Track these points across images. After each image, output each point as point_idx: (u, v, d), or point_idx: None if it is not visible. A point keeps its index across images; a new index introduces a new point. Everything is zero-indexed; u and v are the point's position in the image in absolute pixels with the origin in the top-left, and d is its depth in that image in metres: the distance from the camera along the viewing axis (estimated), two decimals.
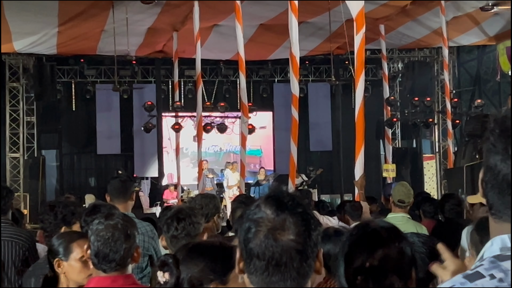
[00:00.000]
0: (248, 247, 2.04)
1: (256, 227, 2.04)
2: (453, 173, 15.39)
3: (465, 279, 1.64)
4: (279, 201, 2.06)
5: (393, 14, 18.48)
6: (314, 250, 2.06)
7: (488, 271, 1.63)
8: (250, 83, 24.88)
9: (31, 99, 24.09)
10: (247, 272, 2.06)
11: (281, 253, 2.00)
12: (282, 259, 2.00)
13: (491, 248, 1.71)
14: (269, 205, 2.06)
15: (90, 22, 17.98)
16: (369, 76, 24.93)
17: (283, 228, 2.01)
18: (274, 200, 2.07)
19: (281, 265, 2.00)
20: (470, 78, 25.22)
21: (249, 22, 17.03)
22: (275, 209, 2.04)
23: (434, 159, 25.06)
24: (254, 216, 2.06)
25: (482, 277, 1.62)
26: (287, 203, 2.06)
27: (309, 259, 2.03)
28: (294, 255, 2.00)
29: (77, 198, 8.19)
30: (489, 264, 1.65)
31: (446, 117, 20.08)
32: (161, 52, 22.04)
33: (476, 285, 1.61)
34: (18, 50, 20.10)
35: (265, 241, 2.01)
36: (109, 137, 25.30)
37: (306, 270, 2.03)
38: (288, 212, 2.03)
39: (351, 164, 11.16)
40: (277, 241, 2.00)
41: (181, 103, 21.65)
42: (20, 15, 16.44)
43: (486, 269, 1.64)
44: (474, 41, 21.86)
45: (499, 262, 1.64)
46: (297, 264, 2.01)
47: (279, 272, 2.01)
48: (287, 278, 2.01)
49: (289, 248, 2.00)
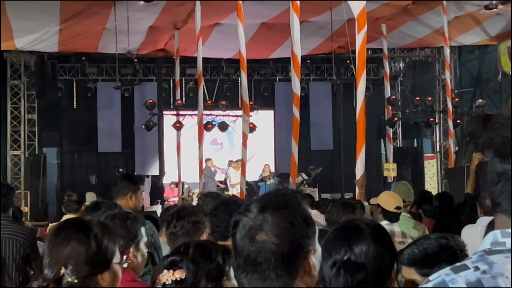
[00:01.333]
0: (232, 242, 2.09)
1: (238, 226, 2.07)
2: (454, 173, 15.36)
3: (451, 271, 1.68)
4: (265, 201, 2.07)
5: (395, 13, 18.47)
6: (300, 251, 2.03)
7: (474, 264, 1.66)
8: (252, 81, 24.85)
9: (32, 96, 24.08)
10: (233, 267, 2.09)
11: (256, 253, 2.01)
12: (258, 259, 2.01)
13: (483, 243, 1.74)
14: (255, 204, 2.07)
15: (92, 20, 17.98)
16: (371, 76, 24.95)
17: (261, 229, 2.02)
18: (262, 199, 2.09)
19: (257, 264, 2.01)
20: (472, 78, 25.21)
21: (251, 20, 17.03)
22: (258, 209, 2.05)
23: (435, 159, 25.05)
24: (239, 215, 2.09)
25: (467, 269, 1.66)
26: (272, 203, 2.06)
27: (292, 260, 2.02)
28: (270, 256, 2.00)
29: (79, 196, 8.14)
30: (477, 258, 1.69)
31: (447, 116, 20.07)
32: (162, 50, 22.06)
33: (459, 276, 1.64)
34: (20, 48, 20.11)
35: (242, 240, 2.04)
36: (110, 135, 25.30)
37: (289, 271, 2.02)
38: (270, 213, 2.03)
39: (352, 163, 11.15)
40: (253, 241, 2.02)
41: (182, 101, 21.65)
42: (21, 13, 16.44)
43: (473, 261, 1.68)
44: (476, 41, 21.84)
45: (486, 255, 1.68)
46: (275, 265, 2.00)
47: (256, 272, 2.02)
48: (266, 277, 2.01)
49: (266, 249, 2.00)
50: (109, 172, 25.23)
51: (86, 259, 2.57)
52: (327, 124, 26.08)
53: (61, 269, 2.54)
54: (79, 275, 2.55)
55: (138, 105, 24.50)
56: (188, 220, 4.39)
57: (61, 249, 2.58)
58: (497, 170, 1.71)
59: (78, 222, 2.74)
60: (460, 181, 12.84)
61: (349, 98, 23.20)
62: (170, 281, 2.78)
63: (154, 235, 5.97)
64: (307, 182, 22.93)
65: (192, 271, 2.80)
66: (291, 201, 2.08)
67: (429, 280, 1.71)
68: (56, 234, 2.65)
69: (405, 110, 24.30)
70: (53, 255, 2.58)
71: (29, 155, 23.91)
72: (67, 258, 2.56)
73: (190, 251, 2.90)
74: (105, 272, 2.63)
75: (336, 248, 2.48)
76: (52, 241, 2.63)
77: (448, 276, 1.66)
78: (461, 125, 21.71)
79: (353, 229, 2.53)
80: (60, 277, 2.53)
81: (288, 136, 14.33)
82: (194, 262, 2.83)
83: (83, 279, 2.56)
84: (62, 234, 2.64)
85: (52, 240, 2.63)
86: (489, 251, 1.69)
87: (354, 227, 2.54)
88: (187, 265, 2.81)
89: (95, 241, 2.61)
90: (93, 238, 2.62)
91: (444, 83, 21.87)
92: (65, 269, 2.54)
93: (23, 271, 5.42)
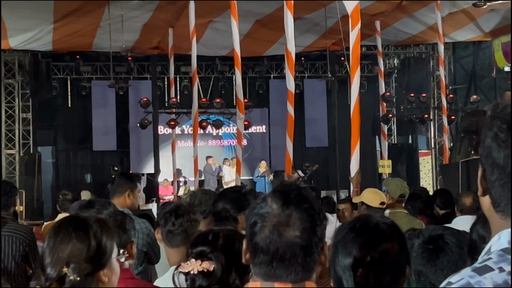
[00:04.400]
0: (254, 241, 2.09)
1: (262, 222, 2.08)
2: (449, 169, 15.41)
3: (474, 272, 1.63)
4: (286, 196, 2.10)
5: (389, 10, 18.49)
6: (319, 244, 2.10)
7: (497, 264, 1.62)
8: (246, 79, 24.85)
9: (26, 95, 24.04)
10: (252, 263, 2.10)
11: (286, 248, 2.04)
12: (286, 254, 2.04)
13: (498, 241, 1.69)
14: (275, 199, 2.09)
15: (86, 19, 17.97)
16: (365, 72, 24.97)
17: (288, 224, 2.05)
18: (281, 194, 2.11)
19: (285, 260, 2.04)
20: (466, 74, 25.26)
21: (245, 18, 17.02)
22: (281, 204, 2.08)
23: (430, 155, 25.08)
24: (260, 211, 2.10)
25: (491, 270, 1.61)
26: (293, 198, 2.09)
27: (313, 254, 2.08)
28: (298, 251, 2.05)
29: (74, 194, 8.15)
30: (497, 258, 1.64)
31: (441, 113, 20.13)
32: (156, 48, 22.05)
33: (485, 278, 1.60)
34: (14, 47, 20.08)
35: (270, 236, 2.05)
36: (105, 134, 25.29)
37: (310, 264, 2.08)
38: (294, 208, 2.07)
39: (347, 160, 11.15)
40: (282, 237, 2.04)
41: (177, 99, 21.65)
42: (15, 12, 16.43)
43: (495, 262, 1.63)
44: (470, 37, 21.88)
45: (507, 255, 1.63)
46: (301, 259, 2.05)
47: (283, 266, 2.05)
48: (291, 272, 2.05)
49: (294, 244, 2.04)
50: (104, 170, 25.24)
51: (88, 256, 2.57)
52: (321, 121, 26.09)
53: (64, 268, 2.54)
54: (81, 273, 2.54)
55: (132, 104, 24.50)
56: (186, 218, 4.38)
57: (62, 248, 2.58)
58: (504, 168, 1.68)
59: (77, 220, 2.73)
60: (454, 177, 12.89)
61: (343, 95, 23.16)
62: (196, 271, 2.70)
63: (150, 234, 5.96)
64: (303, 179, 22.95)
65: (222, 264, 2.71)
66: (308, 195, 2.13)
67: (450, 283, 1.66)
68: (56, 233, 2.64)
69: (399, 106, 24.33)
70: (55, 254, 2.58)
71: (24, 154, 23.86)
72: (69, 256, 2.55)
73: (219, 241, 2.81)
74: (105, 268, 2.63)
75: (355, 247, 2.45)
76: (52, 240, 2.62)
77: (473, 278, 1.61)
78: (455, 121, 21.73)
79: (373, 227, 2.51)
80: (62, 276, 2.53)
81: (283, 133, 14.34)
82: (224, 253, 2.75)
83: (85, 276, 2.56)
84: (62, 233, 2.63)
85: (52, 239, 2.62)
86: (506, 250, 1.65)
87: (373, 226, 2.52)
88: (217, 257, 2.73)
89: (95, 239, 2.61)
90: (93, 235, 2.62)
91: (439, 79, 21.90)
92: (67, 268, 2.53)
93: (22, 269, 5.43)
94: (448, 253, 3.13)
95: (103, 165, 25.68)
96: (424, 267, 3.12)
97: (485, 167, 1.72)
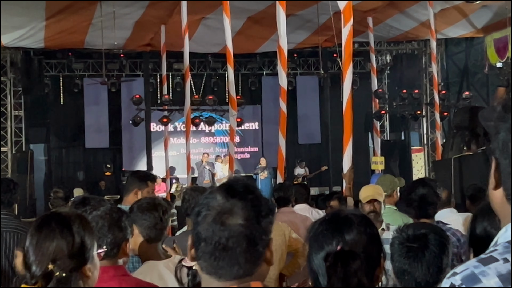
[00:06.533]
0: (197, 231, 2.06)
1: (206, 211, 2.05)
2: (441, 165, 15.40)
3: (479, 263, 1.66)
4: (230, 187, 2.08)
5: (381, 6, 18.51)
6: (264, 238, 2.05)
7: (502, 255, 1.65)
8: (239, 76, 24.86)
9: (18, 93, 24.00)
10: (197, 257, 2.07)
11: (228, 237, 2.00)
12: (229, 244, 2.00)
13: (505, 234, 1.72)
14: (220, 191, 2.07)
15: (77, 16, 17.93)
16: (357, 69, 24.96)
17: (231, 213, 2.02)
18: (226, 186, 2.09)
19: (228, 249, 2.00)
20: (458, 70, 25.30)
21: (237, 15, 17.02)
22: (225, 195, 2.05)
23: (423, 151, 25.14)
24: (205, 201, 2.08)
25: (496, 261, 1.64)
26: (238, 189, 2.07)
27: (257, 245, 2.03)
28: (241, 240, 2.00)
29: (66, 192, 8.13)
30: (503, 249, 1.67)
31: (434, 109, 20.15)
32: (149, 45, 22.02)
33: (489, 268, 1.63)
34: (6, 44, 20.00)
35: (212, 225, 2.02)
36: (97, 131, 25.24)
37: (254, 256, 2.03)
38: (238, 198, 2.04)
39: (340, 156, 11.14)
40: (225, 225, 2.01)
41: (169, 96, 21.63)
42: (7, 9, 16.36)
43: (500, 253, 1.66)
44: (462, 33, 21.92)
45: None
46: (245, 249, 2.01)
47: (226, 257, 2.01)
48: (234, 263, 2.01)
49: (237, 232, 2.00)
50: (97, 168, 25.25)
51: (72, 252, 2.58)
52: (314, 117, 26.11)
53: (49, 265, 2.53)
54: (67, 269, 2.55)
55: (125, 101, 24.48)
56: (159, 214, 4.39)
57: (46, 245, 2.58)
58: None
59: (59, 216, 2.72)
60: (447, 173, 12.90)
61: (336, 91, 23.19)
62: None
63: None
64: (308, 178, 23.16)
65: None
66: (253, 189, 2.10)
67: (455, 273, 1.69)
68: (38, 230, 2.64)
69: (392, 103, 24.38)
70: (39, 251, 2.57)
71: (16, 152, 23.82)
72: (54, 253, 2.56)
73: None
74: (88, 264, 2.64)
75: (328, 239, 2.47)
76: (36, 238, 2.62)
77: (477, 268, 1.65)
78: (448, 117, 21.78)
79: (342, 219, 2.53)
80: (48, 273, 2.52)
81: (275, 130, 14.33)
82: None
83: (70, 272, 2.56)
84: (45, 230, 2.63)
85: (36, 236, 2.62)
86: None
87: (343, 217, 2.54)
88: None
89: (78, 234, 2.62)
90: (76, 231, 2.63)
91: (431, 75, 21.93)
92: (52, 265, 2.53)
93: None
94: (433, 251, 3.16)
95: (96, 162, 25.68)
96: (410, 266, 3.15)
97: (499, 160, 1.72)
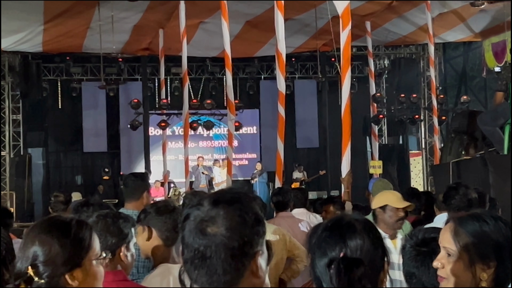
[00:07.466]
0: (182, 235, 2.03)
1: (189, 218, 2.02)
2: (440, 170, 15.38)
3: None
4: (217, 196, 2.05)
5: (379, 10, 18.51)
6: (249, 250, 1.99)
7: None
8: (237, 80, 24.87)
9: (17, 97, 23.98)
10: (183, 261, 2.05)
11: (206, 246, 1.96)
12: (207, 253, 1.95)
13: None
14: (207, 198, 2.04)
15: (76, 20, 17.94)
16: (355, 73, 24.97)
17: (213, 221, 1.97)
18: (214, 194, 2.07)
19: (206, 258, 1.96)
20: (456, 75, 25.30)
21: (235, 19, 17.01)
22: (211, 203, 2.01)
23: (421, 156, 25.14)
24: (191, 209, 2.05)
25: None
26: (224, 198, 2.03)
27: (240, 258, 1.97)
28: (220, 250, 1.95)
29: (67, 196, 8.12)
30: None
31: (432, 113, 20.15)
32: (147, 49, 22.03)
33: None
34: (4, 48, 19.98)
35: (193, 231, 1.99)
36: (95, 135, 25.25)
37: (235, 269, 1.97)
38: (223, 206, 2.00)
39: (338, 161, 11.11)
40: (204, 234, 1.97)
41: (167, 100, 21.63)
42: (5, 13, 16.35)
43: None
44: (460, 38, 21.93)
45: None
46: (224, 260, 1.95)
47: (205, 266, 1.96)
48: (213, 273, 1.96)
49: (217, 242, 1.95)
50: (95, 172, 25.24)
51: (49, 258, 2.57)
52: (312, 122, 26.10)
53: (28, 269, 2.55)
54: (46, 275, 2.55)
55: (123, 105, 24.48)
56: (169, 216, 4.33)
57: (27, 249, 2.60)
58: None
59: (44, 222, 2.73)
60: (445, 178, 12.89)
61: (334, 95, 23.21)
62: None
63: None
64: (306, 182, 23.16)
65: None
66: (243, 197, 2.05)
67: None
68: (27, 234, 2.68)
69: (390, 107, 24.36)
70: (22, 254, 2.61)
71: (14, 156, 23.80)
72: (33, 258, 2.57)
73: None
74: (75, 270, 2.62)
75: (331, 246, 2.45)
76: (23, 241, 2.66)
77: None
78: (446, 121, 21.78)
79: (346, 225, 2.51)
80: (29, 278, 2.54)
81: (273, 134, 14.31)
82: None
83: (50, 278, 2.55)
84: (30, 234, 2.66)
85: (24, 239, 2.67)
86: None
87: (346, 223, 2.52)
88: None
89: (58, 241, 2.61)
90: (56, 237, 2.61)
91: (429, 80, 21.91)
92: (32, 269, 2.54)
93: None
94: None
95: (94, 166, 25.67)
96: (418, 269, 3.12)
97: None
